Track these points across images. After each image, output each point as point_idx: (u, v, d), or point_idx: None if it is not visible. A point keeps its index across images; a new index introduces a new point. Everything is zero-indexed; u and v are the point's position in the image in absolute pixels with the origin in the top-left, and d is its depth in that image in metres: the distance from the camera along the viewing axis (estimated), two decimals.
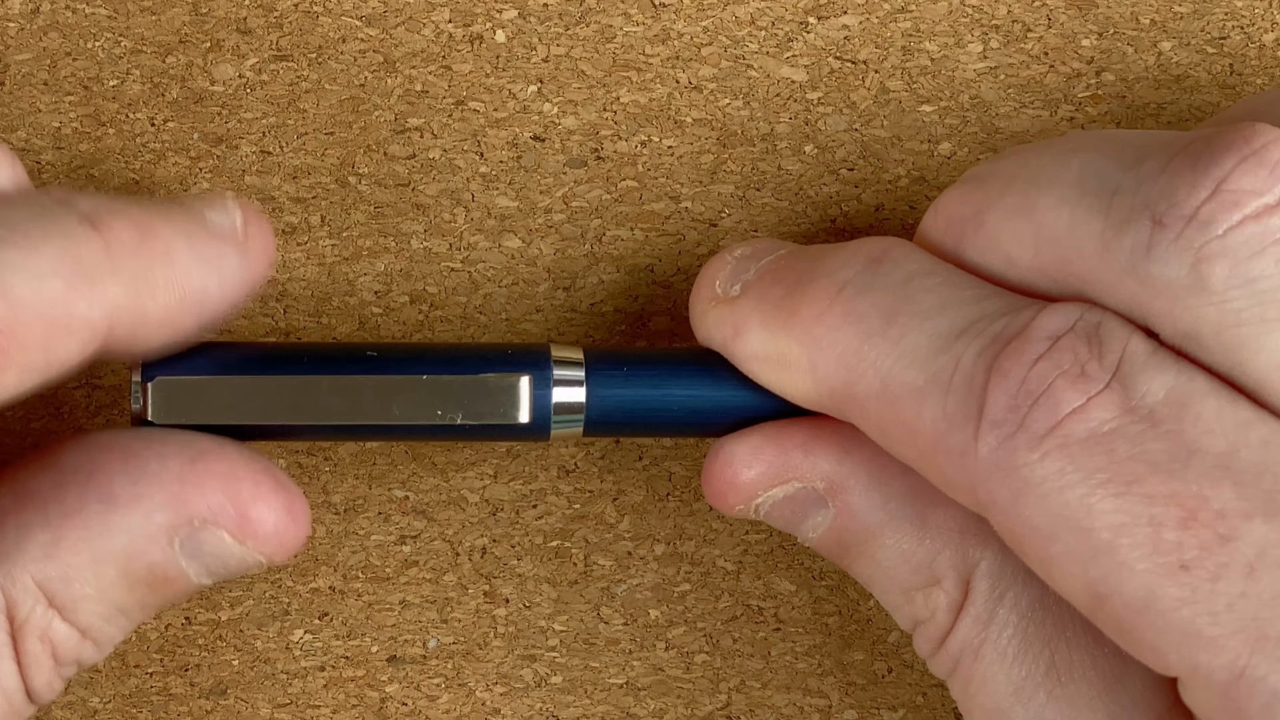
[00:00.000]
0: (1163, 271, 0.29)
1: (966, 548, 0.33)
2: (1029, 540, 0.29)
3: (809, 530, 0.33)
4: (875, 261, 0.32)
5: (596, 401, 0.33)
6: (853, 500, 0.33)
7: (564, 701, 0.39)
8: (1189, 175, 0.29)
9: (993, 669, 0.32)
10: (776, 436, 0.33)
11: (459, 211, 0.37)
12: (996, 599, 0.32)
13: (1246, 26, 0.37)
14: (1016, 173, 0.31)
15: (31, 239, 0.30)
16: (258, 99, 0.36)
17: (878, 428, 0.31)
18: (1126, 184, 0.30)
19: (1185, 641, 0.28)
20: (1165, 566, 0.28)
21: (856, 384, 0.31)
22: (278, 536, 0.32)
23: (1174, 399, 0.29)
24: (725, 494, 0.33)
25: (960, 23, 0.37)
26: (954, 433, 0.30)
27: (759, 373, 0.33)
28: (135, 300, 0.31)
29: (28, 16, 0.36)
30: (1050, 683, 0.32)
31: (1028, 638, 0.32)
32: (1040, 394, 0.29)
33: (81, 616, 0.32)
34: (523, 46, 0.36)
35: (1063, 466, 0.29)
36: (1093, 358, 0.29)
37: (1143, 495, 0.28)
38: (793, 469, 0.33)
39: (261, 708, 0.38)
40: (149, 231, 0.31)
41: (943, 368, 0.30)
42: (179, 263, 0.31)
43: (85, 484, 0.31)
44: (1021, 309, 0.30)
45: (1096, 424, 0.29)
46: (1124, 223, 0.29)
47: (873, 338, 0.31)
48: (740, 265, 0.34)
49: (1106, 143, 0.31)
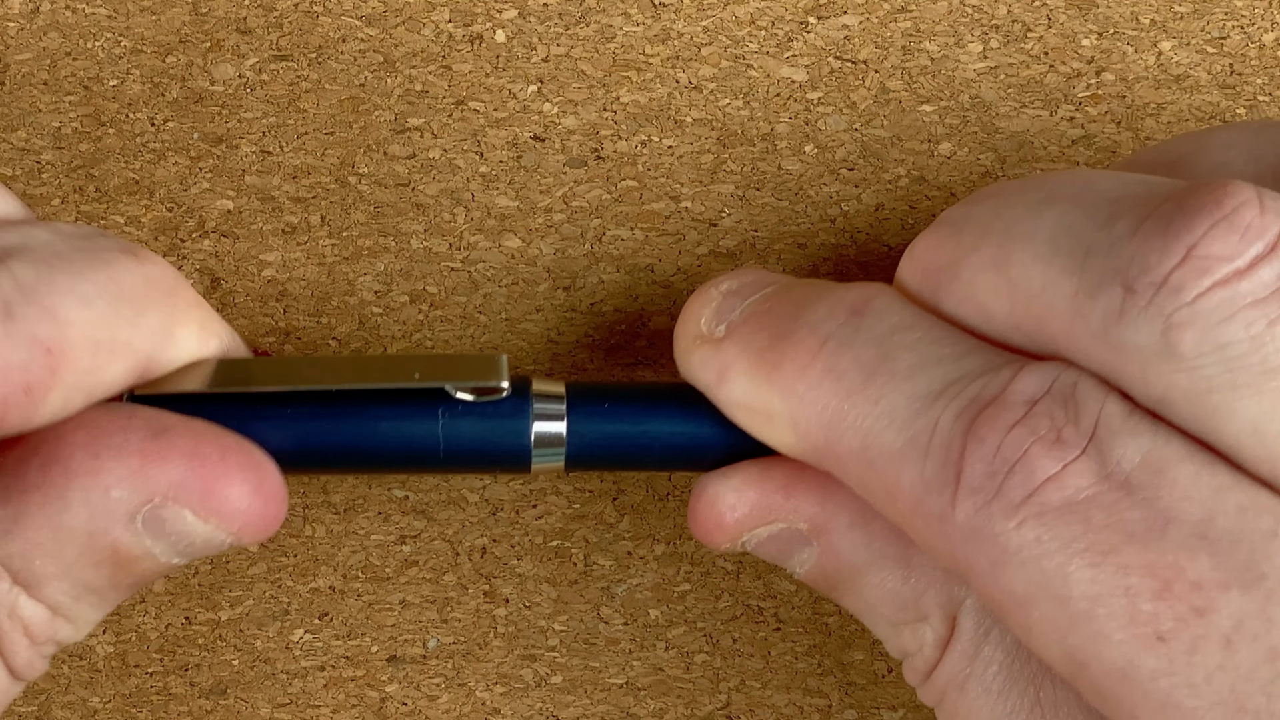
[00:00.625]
0: (1134, 338, 0.29)
1: (951, 585, 0.33)
2: (1007, 607, 0.29)
3: (795, 566, 0.34)
4: (857, 314, 0.32)
5: (577, 438, 0.33)
6: (836, 540, 0.33)
7: (564, 701, 0.39)
8: (1159, 241, 0.29)
9: (978, 704, 0.32)
10: (759, 479, 0.33)
11: (459, 211, 0.37)
12: (982, 636, 0.32)
13: (1246, 26, 0.37)
14: (991, 223, 0.31)
15: (77, 265, 0.30)
16: (258, 99, 0.36)
17: (860, 486, 0.31)
18: (1099, 244, 0.30)
19: (1163, 713, 0.28)
20: (1142, 638, 0.28)
21: (837, 443, 0.31)
22: (244, 515, 0.31)
23: (1150, 464, 0.29)
24: (712, 534, 0.34)
25: (960, 23, 0.37)
26: (931, 497, 0.30)
27: (743, 420, 0.33)
28: (172, 332, 0.31)
29: (28, 16, 0.36)
30: (1035, 719, 0.32)
31: (1013, 675, 0.32)
32: (1016, 461, 0.29)
33: (48, 594, 0.31)
34: (523, 46, 0.36)
35: (1039, 535, 0.29)
36: (1069, 422, 0.29)
37: (1118, 565, 0.28)
38: (775, 511, 0.33)
39: (261, 708, 0.38)
40: (178, 276, 0.32)
41: (921, 430, 0.30)
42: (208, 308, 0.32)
43: (47, 459, 0.31)
44: (1000, 368, 0.30)
45: (1072, 492, 0.29)
46: (1096, 287, 0.29)
47: (853, 397, 0.31)
48: (726, 303, 0.33)
49: (1080, 192, 0.31)
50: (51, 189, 0.36)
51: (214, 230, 0.37)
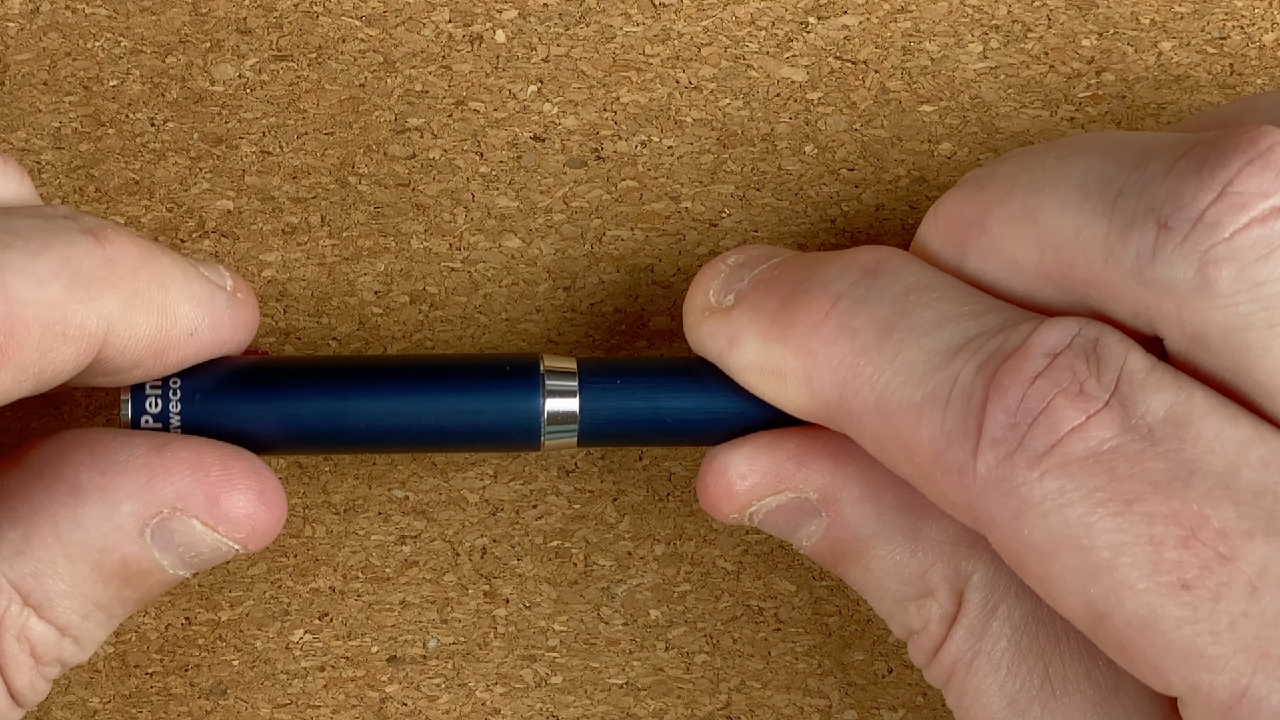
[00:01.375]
0: (1168, 275, 0.29)
1: (959, 560, 0.33)
2: (1028, 559, 0.29)
3: (803, 538, 0.33)
4: (870, 274, 0.32)
5: (589, 414, 0.33)
6: (845, 511, 0.33)
7: (564, 702, 0.38)
8: (1195, 178, 0.29)
9: (986, 681, 0.32)
10: (770, 447, 0.33)
11: (459, 211, 0.37)
12: (990, 611, 0.32)
13: (1246, 26, 0.37)
14: (1018, 176, 0.31)
15: (34, 245, 0.30)
16: (258, 99, 0.36)
17: (874, 443, 0.31)
18: (1131, 187, 0.30)
19: (1186, 661, 0.28)
20: (1166, 585, 0.28)
21: (852, 399, 0.31)
22: (250, 521, 0.32)
23: (1173, 418, 0.29)
24: (720, 503, 0.33)
25: (960, 23, 0.37)
26: (952, 450, 0.30)
27: (754, 384, 0.33)
28: (129, 317, 0.31)
29: (28, 16, 0.36)
30: (1045, 696, 0.32)
31: (1021, 650, 0.32)
32: (1040, 412, 0.29)
33: (59, 614, 0.31)
34: (523, 46, 0.36)
35: (1062, 485, 0.29)
36: (1091, 375, 0.29)
37: (1143, 514, 0.28)
38: (786, 479, 0.33)
39: (261, 708, 0.38)
40: (149, 254, 0.31)
41: (940, 384, 0.30)
42: (174, 290, 0.32)
43: (53, 479, 0.31)
44: (1019, 323, 0.30)
45: (1096, 442, 0.29)
46: (1129, 226, 0.29)
47: (868, 352, 0.31)
48: (734, 274, 0.33)
49: (1109, 145, 0.31)
50: (51, 189, 0.36)
51: (214, 230, 0.37)
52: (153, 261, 0.31)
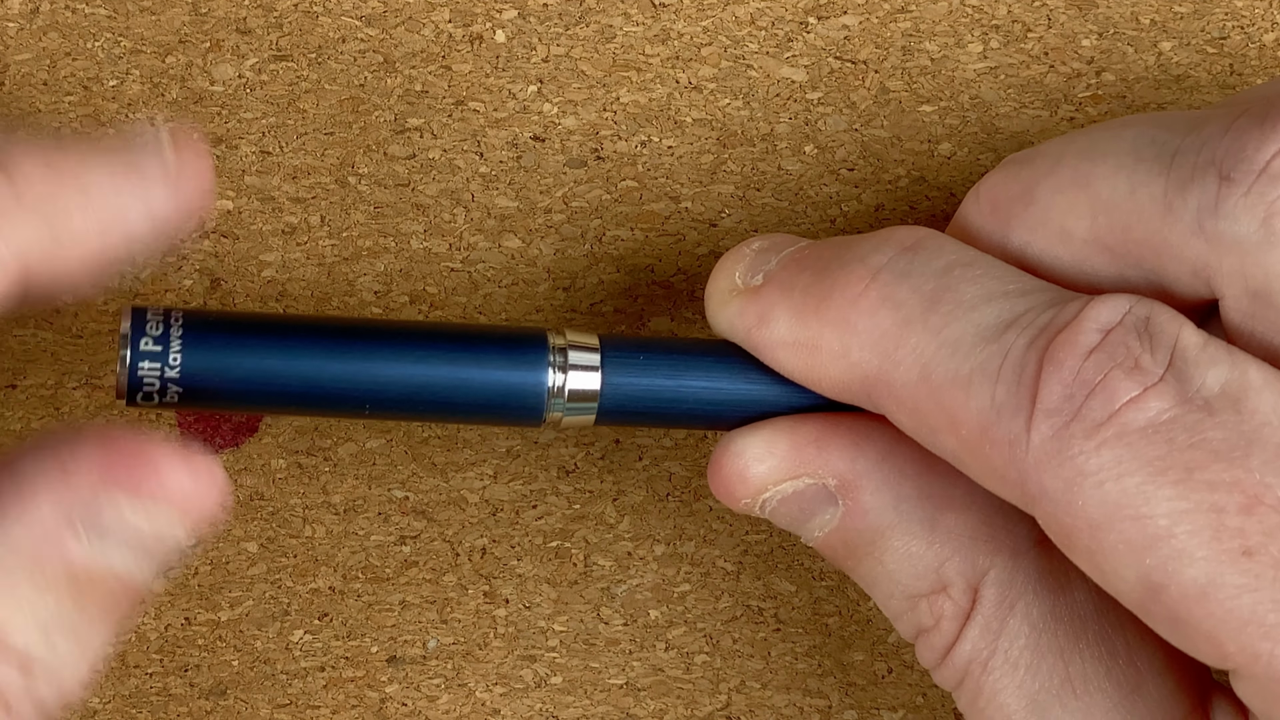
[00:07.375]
0: (1231, 227, 0.29)
1: (976, 554, 0.32)
2: (1079, 532, 0.29)
3: (814, 529, 0.33)
4: (910, 250, 0.32)
5: (611, 390, 0.33)
6: (864, 499, 0.32)
7: (564, 702, 0.39)
8: (1257, 131, 0.29)
9: (1003, 682, 0.32)
10: (790, 430, 0.33)
11: (459, 211, 0.37)
12: (1007, 609, 0.32)
13: (1246, 26, 0.37)
14: (1065, 150, 0.31)
15: None
16: (258, 99, 0.36)
17: (913, 417, 0.31)
18: (1187, 146, 0.29)
19: (1246, 630, 0.28)
20: (1227, 553, 0.28)
21: (893, 371, 0.31)
22: (180, 493, 0.30)
23: (1229, 392, 0.29)
24: (733, 488, 0.33)
25: (960, 23, 0.37)
26: (1004, 422, 0.29)
27: (784, 359, 0.32)
28: (50, 235, 0.29)
29: (28, 16, 0.36)
30: (1066, 695, 0.32)
31: (1041, 649, 0.32)
32: (1096, 384, 0.29)
33: (17, 645, 0.29)
34: (523, 46, 0.36)
35: (1120, 455, 0.29)
36: (1145, 350, 0.29)
37: (1204, 482, 0.28)
38: (805, 464, 0.33)
39: (261, 708, 0.38)
40: (59, 164, 0.30)
41: (990, 357, 0.30)
42: (95, 191, 0.30)
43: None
44: (1068, 300, 0.30)
45: (1154, 413, 0.29)
46: (1188, 181, 0.29)
47: (912, 324, 0.31)
48: (760, 257, 0.33)
49: (1157, 117, 0.31)
50: None
51: (214, 230, 0.37)
52: (64, 170, 0.30)
